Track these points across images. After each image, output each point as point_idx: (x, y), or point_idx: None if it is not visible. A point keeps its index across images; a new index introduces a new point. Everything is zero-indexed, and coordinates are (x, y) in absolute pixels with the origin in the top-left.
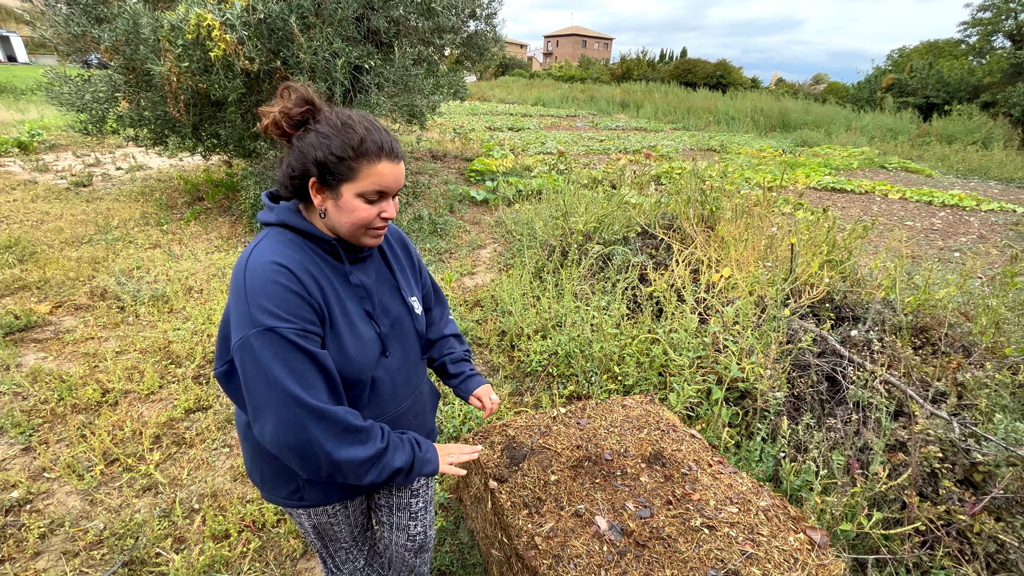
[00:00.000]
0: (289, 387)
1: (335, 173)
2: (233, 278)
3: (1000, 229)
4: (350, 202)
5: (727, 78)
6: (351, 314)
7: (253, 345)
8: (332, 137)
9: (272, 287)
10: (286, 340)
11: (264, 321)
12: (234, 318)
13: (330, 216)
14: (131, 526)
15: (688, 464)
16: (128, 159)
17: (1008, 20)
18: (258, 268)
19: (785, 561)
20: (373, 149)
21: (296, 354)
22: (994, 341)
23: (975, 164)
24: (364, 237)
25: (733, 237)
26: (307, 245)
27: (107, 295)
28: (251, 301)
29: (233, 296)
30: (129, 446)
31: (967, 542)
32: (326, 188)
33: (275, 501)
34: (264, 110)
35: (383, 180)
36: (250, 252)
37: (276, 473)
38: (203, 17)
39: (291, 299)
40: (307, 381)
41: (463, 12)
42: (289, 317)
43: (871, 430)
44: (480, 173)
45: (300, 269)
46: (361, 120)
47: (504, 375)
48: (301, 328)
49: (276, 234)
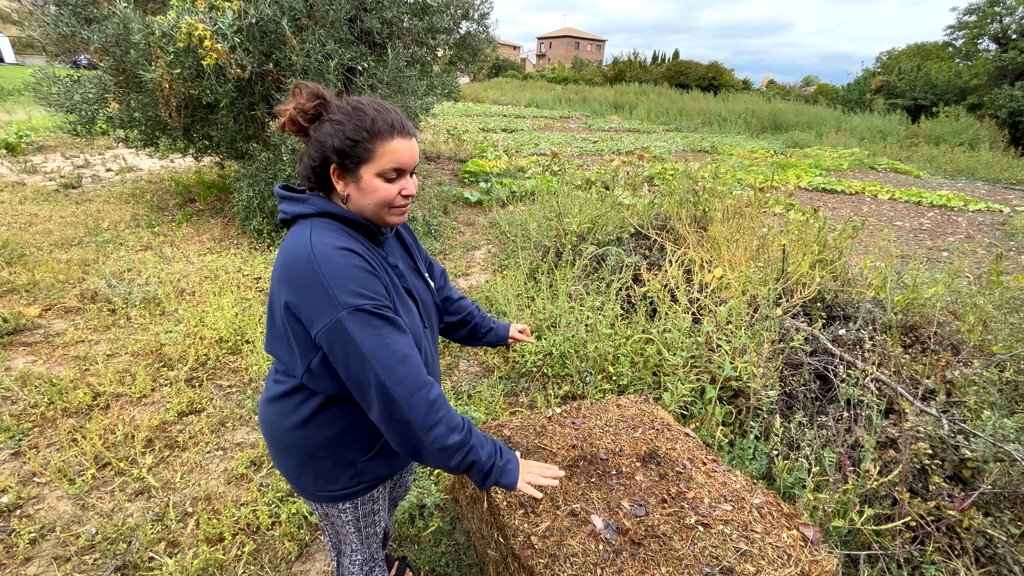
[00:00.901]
0: (387, 360)
1: (352, 156)
2: (296, 269)
3: (987, 229)
4: (371, 182)
5: (719, 80)
6: (400, 290)
7: (347, 327)
8: (345, 123)
9: (351, 270)
10: (376, 316)
11: (352, 301)
12: (312, 307)
13: (353, 200)
14: (124, 530)
15: (682, 463)
16: (118, 160)
17: (993, 23)
18: (330, 254)
19: (779, 558)
20: (385, 128)
21: (388, 328)
22: (982, 339)
23: (963, 165)
24: (388, 216)
25: (725, 238)
26: (353, 232)
27: (98, 297)
28: (333, 285)
29: (301, 287)
30: (121, 450)
31: (957, 537)
32: (346, 173)
33: (327, 497)
34: (280, 109)
35: (398, 156)
36: (308, 242)
37: (333, 464)
38: (194, 26)
39: (369, 279)
40: (401, 353)
41: (456, 13)
42: (373, 295)
43: (862, 427)
44: (474, 174)
45: (363, 252)
46: (370, 103)
47: (499, 376)
48: (382, 303)
49: (322, 224)
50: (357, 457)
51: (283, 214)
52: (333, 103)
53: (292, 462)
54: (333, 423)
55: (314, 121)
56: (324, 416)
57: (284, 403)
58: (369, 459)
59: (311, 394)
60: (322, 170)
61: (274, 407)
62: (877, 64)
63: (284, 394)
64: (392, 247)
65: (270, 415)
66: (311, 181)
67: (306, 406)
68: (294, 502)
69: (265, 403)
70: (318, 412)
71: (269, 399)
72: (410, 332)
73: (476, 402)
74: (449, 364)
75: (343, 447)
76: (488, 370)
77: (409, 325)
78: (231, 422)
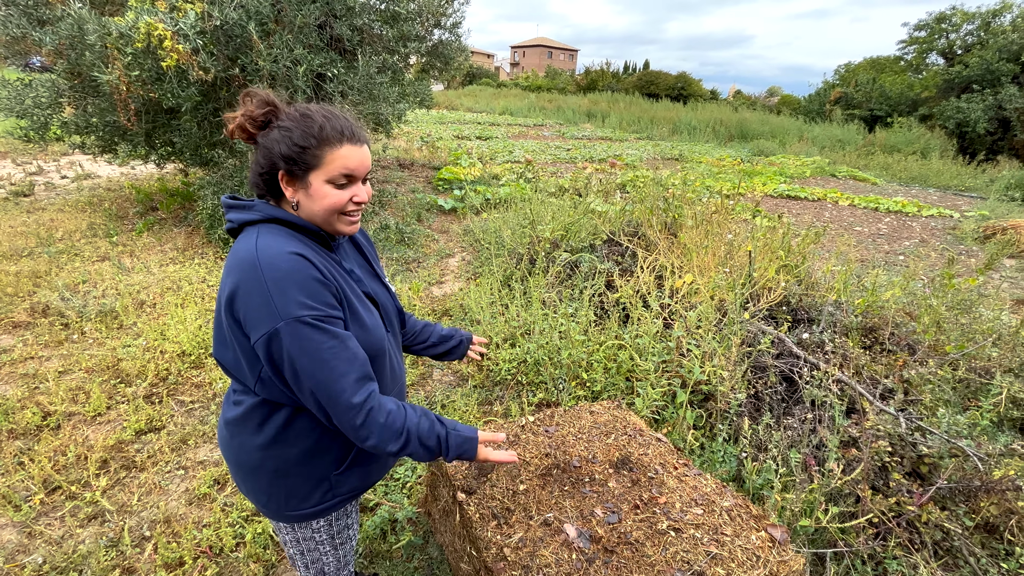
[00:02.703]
0: (321, 376)
1: (300, 163)
2: (240, 276)
3: (939, 233)
4: (320, 189)
5: (688, 90)
6: (359, 294)
7: (283, 339)
8: (293, 129)
9: (296, 276)
10: (315, 328)
11: (292, 312)
12: (252, 315)
13: (303, 207)
14: (74, 558)
15: (655, 468)
16: (74, 167)
17: (940, 39)
18: (276, 259)
19: (748, 560)
20: (333, 135)
21: (328, 341)
22: (936, 339)
23: (915, 172)
24: (339, 224)
25: (695, 244)
26: (303, 237)
27: (49, 311)
28: (274, 293)
29: (243, 293)
30: (72, 472)
31: (916, 532)
32: (295, 179)
33: (301, 516)
34: (228, 116)
35: (347, 163)
36: (254, 247)
37: (305, 480)
38: (153, 26)
39: (316, 287)
40: (338, 371)
41: (428, 21)
42: (316, 305)
43: (826, 428)
44: (448, 182)
45: (313, 257)
46: (319, 109)
47: (473, 384)
48: (326, 314)
49: (270, 229)
50: (330, 471)
51: (230, 223)
52: (283, 110)
53: (261, 483)
54: (302, 438)
55: (263, 128)
56: (291, 431)
57: (247, 422)
58: (342, 472)
59: (274, 409)
60: (270, 177)
61: (236, 427)
62: (836, 76)
63: (246, 413)
64: (347, 253)
65: (232, 436)
66: (260, 188)
67: (271, 423)
68: (260, 521)
69: (225, 424)
70: (285, 427)
71: (229, 420)
72: (372, 333)
73: (450, 412)
74: (423, 374)
75: (314, 462)
76: (462, 379)
77: (370, 326)
78: (193, 439)
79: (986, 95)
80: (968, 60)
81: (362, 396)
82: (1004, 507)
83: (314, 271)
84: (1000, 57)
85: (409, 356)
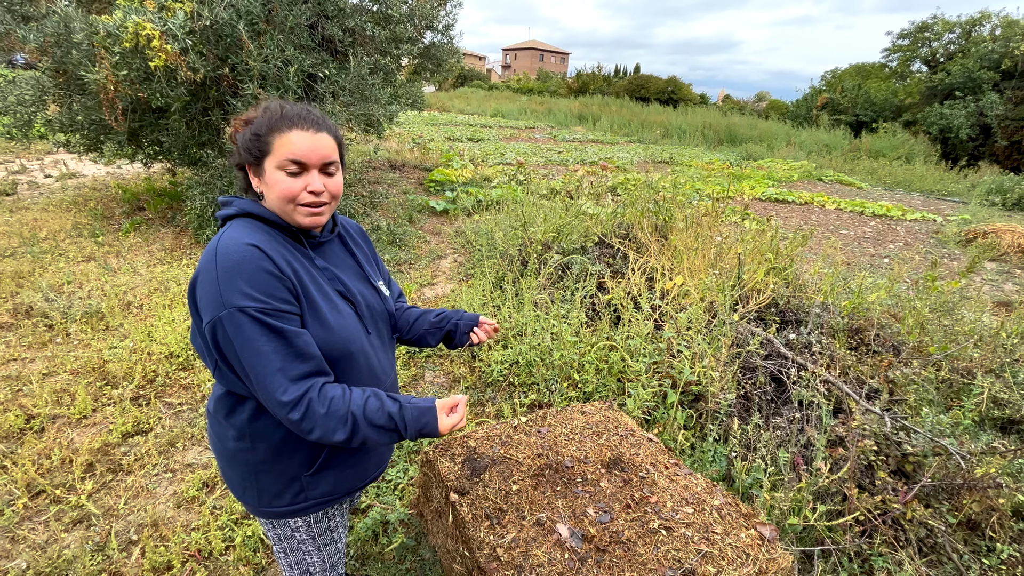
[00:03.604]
0: (259, 368)
1: (254, 151)
2: (202, 263)
3: (923, 237)
4: (271, 175)
5: (678, 94)
6: (327, 291)
7: (226, 326)
8: (254, 122)
9: (246, 267)
10: (256, 320)
11: (235, 301)
12: (204, 301)
13: (266, 197)
14: (59, 563)
15: (646, 467)
16: (58, 166)
17: (923, 47)
18: (231, 249)
19: (738, 557)
20: (283, 122)
21: (267, 335)
22: (920, 340)
23: (900, 177)
24: (295, 214)
25: (685, 246)
26: (271, 231)
27: (33, 312)
28: (222, 281)
29: (201, 281)
30: (57, 476)
31: (901, 529)
32: (254, 169)
33: (274, 514)
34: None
35: (293, 148)
36: (219, 239)
37: (276, 479)
38: (141, 26)
39: (266, 279)
40: (274, 366)
41: (420, 24)
42: (261, 296)
43: (813, 427)
44: (440, 183)
45: (271, 250)
46: (281, 103)
47: (465, 386)
48: (272, 308)
49: (241, 222)
50: (300, 472)
51: (218, 221)
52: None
53: (236, 475)
54: (267, 434)
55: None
56: (257, 426)
57: (218, 412)
58: (314, 474)
59: (238, 401)
60: (243, 171)
61: (213, 416)
62: (823, 82)
63: (217, 402)
64: (329, 251)
65: (211, 425)
66: (243, 183)
67: (237, 416)
68: (250, 524)
69: (207, 412)
70: (250, 422)
71: (209, 409)
72: (336, 333)
73: None
74: (414, 375)
75: (284, 460)
76: (454, 380)
77: (335, 326)
78: (181, 442)
79: (968, 102)
80: (950, 68)
81: (296, 392)
82: (986, 504)
83: (267, 263)
84: (981, 65)
85: (402, 357)
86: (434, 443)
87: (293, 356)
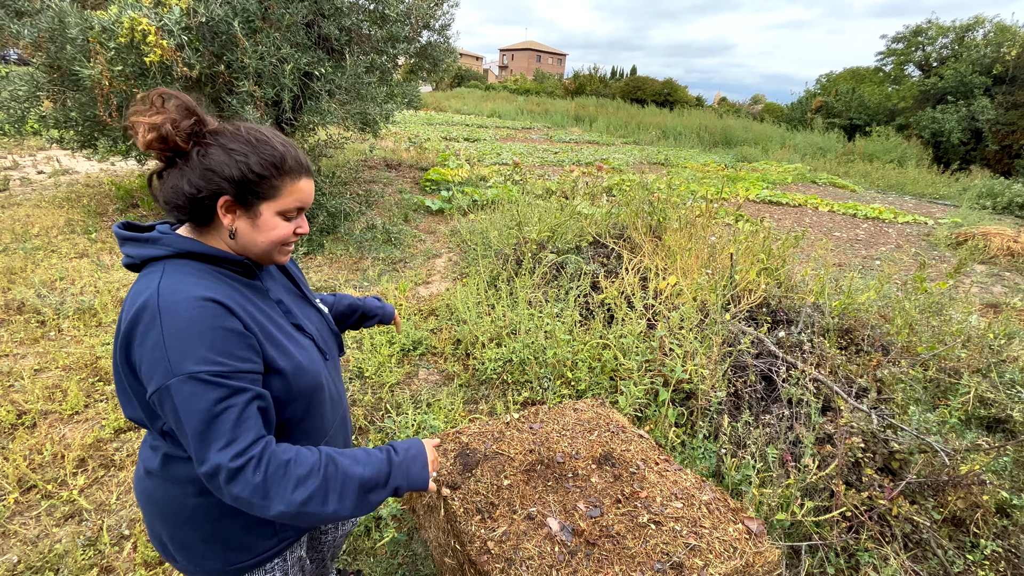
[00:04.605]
0: (211, 438)
1: (255, 191)
2: (138, 323)
3: (914, 239)
4: (270, 220)
5: (674, 96)
6: (285, 327)
7: (174, 396)
8: (248, 154)
9: (198, 327)
10: (211, 384)
11: (187, 367)
12: (147, 367)
13: (242, 236)
14: (50, 558)
15: (636, 463)
16: (51, 162)
17: (917, 51)
18: (178, 307)
19: (725, 551)
20: (295, 167)
21: (223, 401)
22: (908, 340)
23: (892, 180)
24: (277, 255)
25: (679, 246)
26: (214, 271)
27: (25, 308)
28: (171, 345)
29: (141, 343)
30: (49, 471)
31: (887, 525)
32: (240, 207)
33: (247, 568)
34: (141, 120)
35: (304, 197)
36: (156, 291)
37: (247, 524)
38: (137, 21)
39: (227, 339)
40: (227, 438)
41: (417, 23)
42: (219, 358)
43: (802, 425)
44: (435, 183)
45: (229, 300)
46: (275, 136)
47: (459, 383)
48: (232, 369)
49: (178, 267)
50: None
51: (128, 259)
52: (213, 125)
53: (197, 535)
54: None
55: (190, 142)
56: None
57: (174, 469)
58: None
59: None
60: (209, 202)
61: (162, 477)
62: (817, 86)
63: (164, 460)
64: (273, 277)
65: (158, 487)
66: (183, 212)
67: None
68: None
69: (147, 476)
70: None
71: (151, 471)
72: (307, 370)
73: (436, 410)
74: (408, 373)
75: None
76: (448, 378)
77: (305, 363)
78: None
79: (960, 106)
80: (943, 72)
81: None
82: (970, 501)
83: (228, 319)
84: (973, 70)
85: (395, 355)
86: (427, 438)
87: (246, 419)
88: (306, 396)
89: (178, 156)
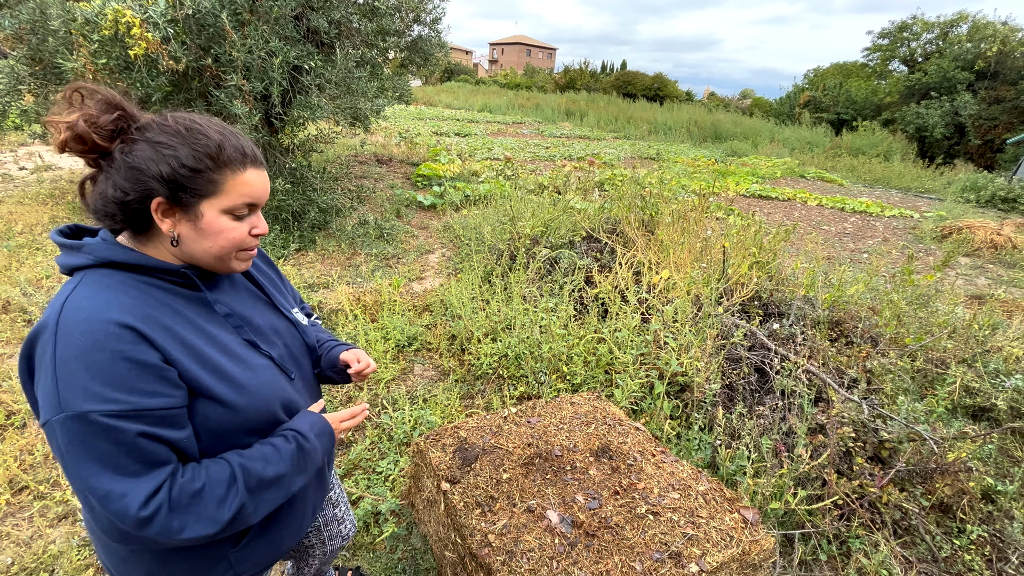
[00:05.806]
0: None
1: (191, 189)
2: (35, 344)
3: (900, 232)
4: (215, 221)
5: (664, 91)
6: (230, 346)
7: (58, 435)
8: (178, 147)
9: (96, 356)
10: (103, 427)
11: (76, 405)
12: (40, 395)
13: (186, 242)
14: (45, 559)
15: (633, 455)
16: (33, 158)
17: (902, 47)
18: (76, 329)
19: (722, 540)
20: (236, 156)
21: (114, 446)
22: (896, 332)
23: (879, 175)
24: (234, 261)
25: (671, 240)
26: (144, 283)
27: (10, 307)
28: (60, 376)
29: (36, 367)
30: (40, 471)
31: (877, 512)
32: (179, 209)
33: None
34: (55, 120)
35: (252, 190)
36: (60, 307)
37: (197, 561)
38: (121, 13)
39: (128, 371)
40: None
41: (407, 16)
42: (119, 396)
43: (795, 415)
44: (427, 178)
45: (146, 323)
46: (208, 122)
47: (455, 379)
48: (134, 410)
49: (97, 278)
50: (226, 549)
51: (61, 268)
52: (142, 117)
53: (141, 571)
54: None
55: (114, 139)
56: None
57: None
58: (243, 547)
59: None
60: (140, 205)
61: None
62: (805, 81)
63: None
64: (228, 289)
65: (99, 518)
66: (116, 220)
67: None
68: None
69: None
70: None
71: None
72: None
73: (432, 406)
74: (403, 369)
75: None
76: (443, 373)
77: (252, 387)
78: None
79: (943, 102)
80: (927, 68)
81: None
82: (957, 487)
83: (137, 348)
84: (956, 66)
85: (391, 351)
86: (424, 434)
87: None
88: (259, 425)
89: (102, 157)
